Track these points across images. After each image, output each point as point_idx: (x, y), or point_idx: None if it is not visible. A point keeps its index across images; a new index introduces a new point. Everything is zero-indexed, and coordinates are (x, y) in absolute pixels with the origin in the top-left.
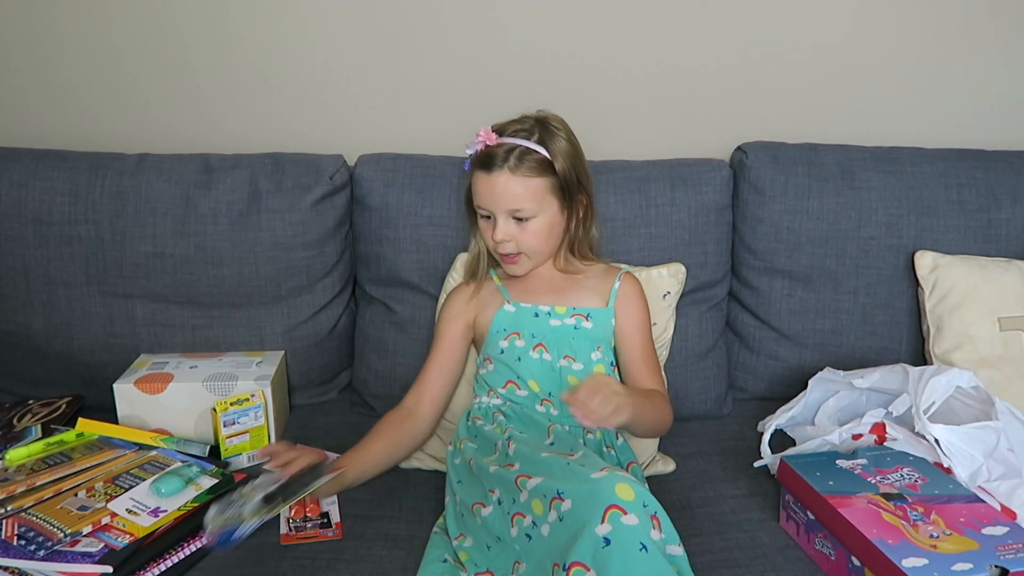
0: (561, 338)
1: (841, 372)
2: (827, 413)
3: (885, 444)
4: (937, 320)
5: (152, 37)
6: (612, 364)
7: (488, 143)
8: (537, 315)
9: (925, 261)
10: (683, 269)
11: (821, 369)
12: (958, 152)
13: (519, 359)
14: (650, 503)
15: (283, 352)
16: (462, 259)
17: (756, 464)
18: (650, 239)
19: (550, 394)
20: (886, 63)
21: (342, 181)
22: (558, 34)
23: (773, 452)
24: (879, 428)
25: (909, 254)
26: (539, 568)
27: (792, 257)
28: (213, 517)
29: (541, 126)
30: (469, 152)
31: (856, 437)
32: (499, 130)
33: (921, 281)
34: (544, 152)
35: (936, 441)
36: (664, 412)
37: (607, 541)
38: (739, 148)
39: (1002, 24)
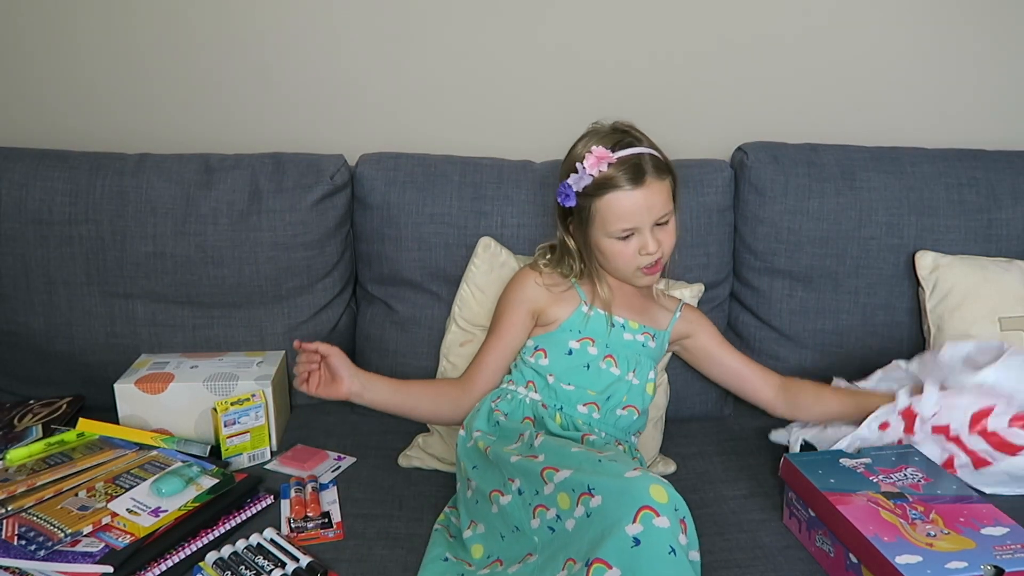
0: (632, 353)
1: (842, 383)
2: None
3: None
4: (938, 320)
5: (152, 37)
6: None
7: (610, 161)
8: (613, 326)
9: (926, 261)
10: (702, 288)
11: (822, 370)
12: (958, 152)
13: (587, 366)
14: (681, 507)
15: (284, 352)
16: (484, 243)
17: (771, 437)
18: None
19: (608, 398)
20: (886, 63)
21: (343, 181)
22: (557, 35)
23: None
24: (908, 413)
25: (910, 254)
26: (551, 561)
27: (793, 257)
28: None
29: (636, 131)
30: (584, 181)
31: (883, 426)
32: (614, 144)
33: (922, 281)
34: (660, 155)
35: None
36: None
37: (637, 541)
38: (739, 148)
39: (1002, 24)
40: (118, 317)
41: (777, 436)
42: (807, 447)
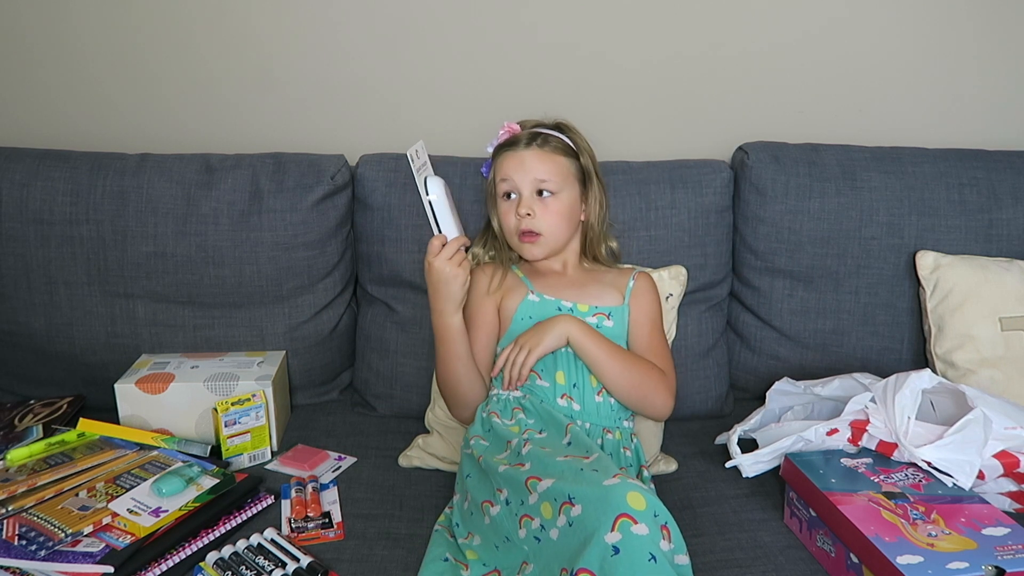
0: None
1: (801, 383)
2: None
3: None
4: (938, 320)
5: (153, 37)
6: None
7: (515, 131)
8: (560, 309)
9: (926, 261)
10: (684, 271)
11: (823, 370)
12: (959, 152)
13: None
14: (661, 513)
15: (284, 352)
16: (472, 252)
17: (727, 464)
18: (649, 242)
19: (574, 385)
20: (887, 63)
21: (343, 181)
22: (559, 35)
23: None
24: (858, 424)
25: (910, 254)
26: (547, 571)
27: (793, 257)
28: None
29: (560, 124)
30: (492, 146)
31: (831, 432)
32: (521, 124)
33: (922, 281)
34: (566, 139)
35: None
36: (650, 378)
37: (616, 550)
38: (740, 148)
39: (1003, 24)
40: (119, 317)
41: (720, 438)
42: (746, 442)
